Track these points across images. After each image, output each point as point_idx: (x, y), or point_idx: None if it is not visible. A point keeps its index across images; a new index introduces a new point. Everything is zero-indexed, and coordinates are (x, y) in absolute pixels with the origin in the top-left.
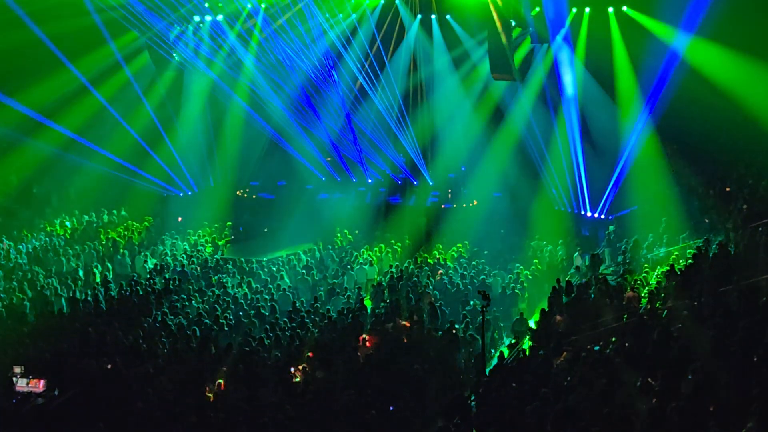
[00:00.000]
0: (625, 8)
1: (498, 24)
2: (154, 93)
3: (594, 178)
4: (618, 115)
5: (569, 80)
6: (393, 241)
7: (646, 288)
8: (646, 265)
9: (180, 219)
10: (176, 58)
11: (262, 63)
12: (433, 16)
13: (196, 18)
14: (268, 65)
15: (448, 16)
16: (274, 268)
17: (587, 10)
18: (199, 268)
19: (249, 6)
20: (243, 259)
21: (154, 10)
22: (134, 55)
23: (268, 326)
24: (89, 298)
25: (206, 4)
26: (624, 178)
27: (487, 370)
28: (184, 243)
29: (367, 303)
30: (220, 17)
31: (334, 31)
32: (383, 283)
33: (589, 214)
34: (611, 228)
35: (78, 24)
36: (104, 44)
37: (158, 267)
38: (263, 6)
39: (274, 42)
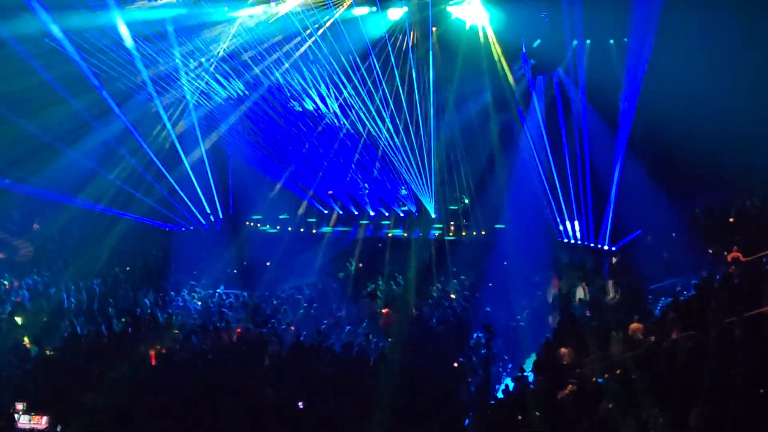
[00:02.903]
0: (626, 40)
1: (500, 57)
2: (154, 126)
3: (597, 208)
4: (618, 144)
5: (571, 111)
6: (396, 274)
7: (651, 320)
8: (650, 297)
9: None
10: (176, 93)
11: (264, 98)
12: (434, 47)
13: (198, 55)
14: (269, 99)
15: (449, 48)
16: (277, 303)
17: (588, 41)
18: (200, 303)
19: (250, 40)
20: (246, 294)
21: (157, 46)
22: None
23: (270, 360)
24: (91, 333)
25: (208, 39)
26: (623, 207)
27: (491, 402)
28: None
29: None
30: (221, 52)
31: (336, 65)
32: None
33: (592, 245)
34: (614, 259)
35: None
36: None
37: (160, 302)
38: (266, 43)
39: (278, 76)
